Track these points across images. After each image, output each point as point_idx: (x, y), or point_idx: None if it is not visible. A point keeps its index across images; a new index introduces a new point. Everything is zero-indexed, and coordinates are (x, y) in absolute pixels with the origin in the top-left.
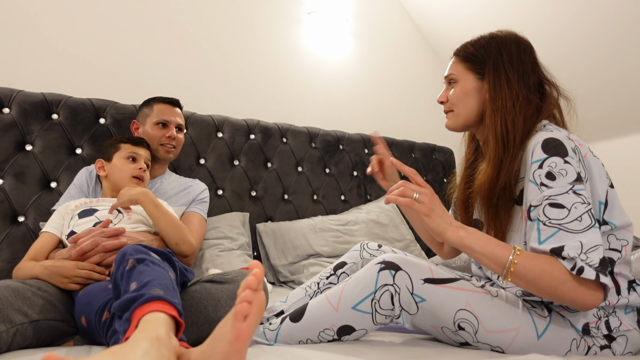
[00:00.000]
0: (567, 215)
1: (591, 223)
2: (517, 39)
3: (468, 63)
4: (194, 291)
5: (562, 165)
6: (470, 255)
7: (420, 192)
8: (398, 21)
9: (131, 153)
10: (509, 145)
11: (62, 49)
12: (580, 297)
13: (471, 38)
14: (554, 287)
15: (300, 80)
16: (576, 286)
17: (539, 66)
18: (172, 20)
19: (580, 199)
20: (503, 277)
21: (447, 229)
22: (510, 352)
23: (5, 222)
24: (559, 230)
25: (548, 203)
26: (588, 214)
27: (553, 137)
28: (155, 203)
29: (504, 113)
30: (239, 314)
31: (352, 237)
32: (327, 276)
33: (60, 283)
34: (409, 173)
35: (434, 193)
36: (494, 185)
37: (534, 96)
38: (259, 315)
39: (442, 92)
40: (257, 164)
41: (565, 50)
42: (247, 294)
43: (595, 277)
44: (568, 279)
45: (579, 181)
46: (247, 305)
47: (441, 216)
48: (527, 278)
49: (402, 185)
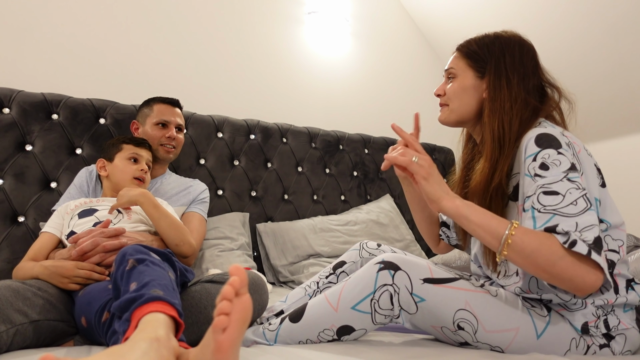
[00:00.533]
0: (562, 200)
1: (587, 206)
2: (520, 41)
3: (470, 60)
4: (194, 291)
5: (556, 156)
6: (465, 226)
7: (419, 157)
8: (398, 21)
9: (133, 154)
10: (504, 145)
11: (62, 49)
12: (580, 274)
13: (476, 35)
14: (553, 261)
15: (301, 80)
16: (575, 261)
17: (541, 69)
18: (173, 21)
19: (574, 185)
20: (499, 252)
21: (443, 197)
22: (509, 352)
23: (5, 222)
24: (554, 216)
25: (542, 191)
26: (583, 198)
27: (546, 132)
28: (154, 204)
29: (502, 114)
30: (216, 328)
31: (352, 237)
32: (326, 275)
33: (60, 283)
34: (408, 139)
35: (431, 160)
36: (488, 185)
37: (532, 99)
38: (242, 322)
39: (440, 85)
40: (257, 164)
41: (564, 49)
42: (224, 305)
43: (587, 252)
44: (565, 254)
45: (574, 170)
46: (224, 317)
47: (439, 183)
48: (525, 252)
49: (401, 148)
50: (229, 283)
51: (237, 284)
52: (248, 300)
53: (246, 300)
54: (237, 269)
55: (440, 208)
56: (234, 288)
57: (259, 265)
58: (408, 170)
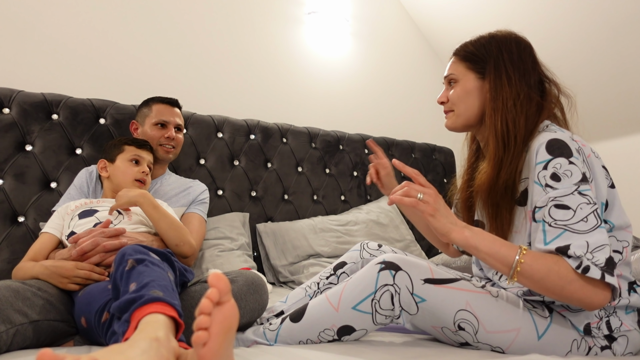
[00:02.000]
0: (573, 216)
1: (597, 223)
2: (516, 38)
3: (468, 62)
4: (194, 291)
5: (567, 166)
6: (476, 255)
7: (424, 192)
8: (398, 21)
9: (135, 156)
10: (509, 144)
11: (62, 49)
12: (588, 296)
13: (470, 38)
14: (561, 286)
15: (301, 80)
16: (583, 285)
17: (539, 64)
18: (173, 21)
19: (585, 200)
20: (509, 277)
21: (452, 229)
22: (510, 353)
23: (5, 222)
24: (564, 231)
25: (553, 204)
26: (594, 214)
27: (557, 138)
28: (154, 205)
29: (505, 112)
30: (196, 343)
31: (352, 237)
32: (327, 276)
33: (59, 283)
34: (411, 174)
35: (437, 193)
36: (494, 185)
37: (535, 94)
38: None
39: (442, 92)
40: (257, 164)
41: (566, 49)
42: (201, 320)
43: (600, 276)
44: (575, 278)
45: (584, 181)
46: (203, 333)
47: (446, 216)
48: (534, 277)
49: (405, 186)
50: (206, 296)
51: (215, 296)
52: (231, 307)
53: (228, 308)
54: (217, 278)
55: (450, 240)
56: (212, 301)
57: (259, 266)
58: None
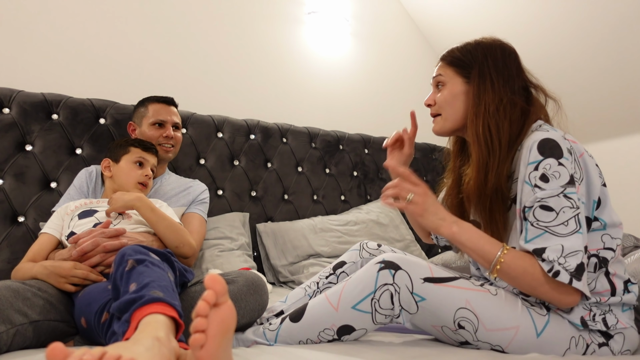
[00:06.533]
0: (555, 218)
1: (576, 228)
2: (502, 44)
3: (455, 67)
4: (194, 291)
5: (556, 167)
6: (462, 250)
7: (414, 191)
8: (398, 21)
9: (140, 158)
10: (494, 148)
11: (62, 49)
12: (557, 298)
13: (457, 44)
14: (534, 286)
15: (300, 80)
16: (554, 287)
17: (524, 71)
18: (173, 21)
19: (569, 203)
20: (490, 272)
21: (440, 225)
22: (510, 351)
23: (5, 222)
24: (544, 232)
25: (539, 205)
26: (575, 218)
27: (549, 138)
28: (151, 207)
29: (487, 117)
30: (193, 345)
31: (352, 237)
32: (326, 276)
33: (57, 283)
34: (402, 174)
35: (427, 191)
36: (483, 190)
37: (519, 99)
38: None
39: (430, 95)
40: (257, 164)
41: (563, 49)
42: (198, 323)
43: (569, 281)
44: (546, 281)
45: (571, 184)
46: (200, 335)
47: (434, 213)
48: (511, 275)
49: (396, 185)
50: (203, 298)
51: (211, 298)
52: (228, 308)
53: (225, 310)
54: (213, 280)
55: (439, 235)
56: (208, 303)
57: (259, 265)
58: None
